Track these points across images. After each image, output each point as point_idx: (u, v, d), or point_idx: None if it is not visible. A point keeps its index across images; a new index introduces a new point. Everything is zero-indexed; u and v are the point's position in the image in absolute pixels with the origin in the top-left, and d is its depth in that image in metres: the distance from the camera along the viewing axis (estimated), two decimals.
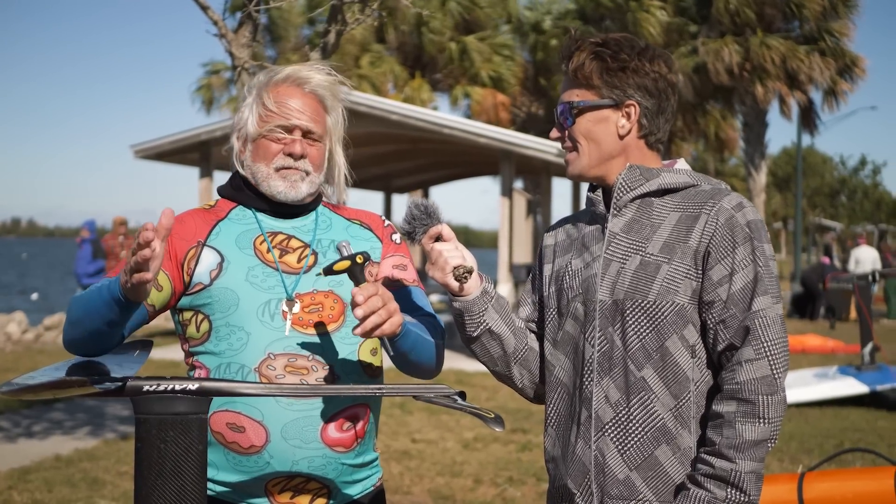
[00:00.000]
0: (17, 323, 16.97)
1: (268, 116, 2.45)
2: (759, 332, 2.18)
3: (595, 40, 2.39)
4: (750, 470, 2.15)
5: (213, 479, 2.45)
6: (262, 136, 2.46)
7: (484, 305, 2.37)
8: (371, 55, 26.13)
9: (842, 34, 20.73)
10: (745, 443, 2.14)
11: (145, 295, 2.17)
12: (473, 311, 2.36)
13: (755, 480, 2.16)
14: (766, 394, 2.16)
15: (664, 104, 2.37)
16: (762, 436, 2.15)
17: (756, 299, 2.21)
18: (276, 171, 2.46)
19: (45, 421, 9.37)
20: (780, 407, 2.18)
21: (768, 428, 2.16)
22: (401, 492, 6.77)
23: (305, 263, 2.48)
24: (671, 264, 2.25)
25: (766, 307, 2.21)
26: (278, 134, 2.45)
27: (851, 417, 9.67)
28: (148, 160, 17.27)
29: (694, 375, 2.26)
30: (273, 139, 2.45)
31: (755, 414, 2.15)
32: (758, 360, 2.17)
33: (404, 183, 24.79)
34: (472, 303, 2.36)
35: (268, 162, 2.46)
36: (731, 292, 2.22)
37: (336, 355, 2.44)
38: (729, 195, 2.32)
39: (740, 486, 2.14)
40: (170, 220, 2.08)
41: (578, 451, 2.32)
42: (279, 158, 2.46)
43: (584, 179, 2.41)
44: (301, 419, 2.40)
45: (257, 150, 2.47)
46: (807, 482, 4.70)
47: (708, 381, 2.28)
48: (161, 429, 2.04)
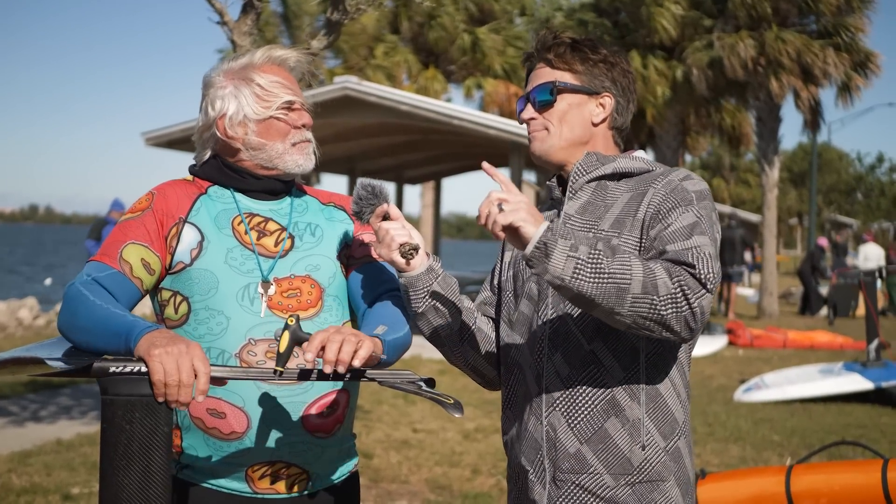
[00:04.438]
0: (29, 308, 17.08)
1: (268, 95, 2.46)
2: (693, 261, 2.12)
3: (572, 35, 2.48)
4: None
5: (191, 465, 2.46)
6: (271, 116, 2.47)
7: (429, 282, 2.39)
8: (385, 45, 26.10)
9: (857, 29, 20.58)
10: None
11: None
12: (418, 287, 2.38)
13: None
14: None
15: (631, 102, 2.48)
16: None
17: (693, 237, 2.17)
18: (292, 145, 2.48)
19: (52, 405, 9.44)
20: (706, 301, 2.10)
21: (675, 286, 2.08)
22: (398, 481, 6.80)
23: (282, 247, 2.49)
24: (621, 238, 2.29)
25: (702, 244, 2.16)
26: (284, 110, 2.48)
27: (855, 413, 9.64)
28: (159, 148, 17.28)
29: (644, 346, 2.28)
30: (282, 116, 2.47)
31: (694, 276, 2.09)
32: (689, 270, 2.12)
33: (416, 174, 24.80)
34: (417, 278, 2.37)
35: (283, 138, 2.48)
36: (667, 232, 2.21)
37: None
38: (678, 170, 2.36)
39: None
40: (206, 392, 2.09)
41: (531, 427, 2.36)
42: (294, 133, 2.49)
43: (547, 160, 2.45)
44: (282, 405, 2.41)
45: (267, 131, 2.47)
46: (794, 475, 4.70)
47: (659, 352, 2.30)
48: (127, 410, 2.06)
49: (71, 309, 2.25)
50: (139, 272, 2.38)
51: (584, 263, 2.04)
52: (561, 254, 2.04)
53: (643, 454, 2.27)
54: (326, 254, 2.54)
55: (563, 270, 2.04)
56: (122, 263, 2.36)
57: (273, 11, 26.27)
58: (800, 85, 20.93)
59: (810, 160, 32.08)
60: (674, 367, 2.33)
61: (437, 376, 11.10)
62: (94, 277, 2.32)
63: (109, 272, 2.34)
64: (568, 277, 2.04)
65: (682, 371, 2.37)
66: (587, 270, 2.03)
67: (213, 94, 2.50)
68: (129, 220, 2.44)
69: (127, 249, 2.38)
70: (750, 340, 15.52)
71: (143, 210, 2.45)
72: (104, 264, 2.36)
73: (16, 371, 2.20)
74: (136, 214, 2.45)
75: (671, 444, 2.31)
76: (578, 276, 2.04)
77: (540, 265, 2.05)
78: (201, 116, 2.54)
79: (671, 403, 2.32)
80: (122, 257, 2.37)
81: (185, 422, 2.45)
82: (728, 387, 11.34)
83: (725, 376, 12.29)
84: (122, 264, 2.36)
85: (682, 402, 2.36)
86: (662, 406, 2.30)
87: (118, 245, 2.39)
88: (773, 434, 8.62)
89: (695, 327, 2.10)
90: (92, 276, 2.32)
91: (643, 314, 2.06)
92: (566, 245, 2.04)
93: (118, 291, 2.32)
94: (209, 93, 2.51)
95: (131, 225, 2.43)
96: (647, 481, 2.27)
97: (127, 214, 2.47)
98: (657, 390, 2.30)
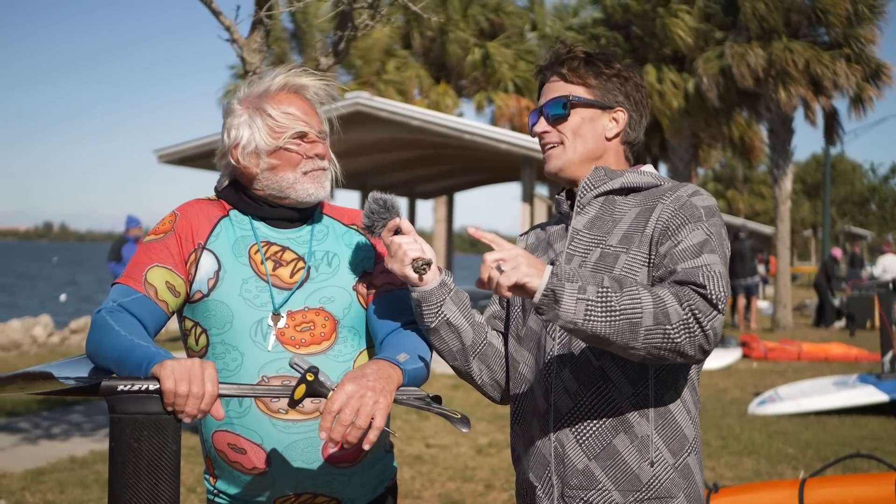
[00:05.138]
0: (43, 326, 17.15)
1: (280, 127, 2.46)
2: (704, 281, 2.11)
3: (585, 49, 2.47)
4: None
5: (225, 493, 2.51)
6: (280, 147, 2.46)
7: (442, 296, 2.39)
8: (397, 60, 26.17)
9: (868, 40, 20.55)
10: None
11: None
12: (431, 302, 2.39)
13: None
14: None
15: (644, 117, 2.48)
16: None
17: (703, 255, 2.17)
18: (304, 174, 2.48)
19: (65, 423, 9.46)
20: (717, 322, 2.08)
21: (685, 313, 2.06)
22: (411, 496, 6.79)
23: (300, 279, 2.49)
24: (629, 253, 2.28)
25: (712, 263, 2.15)
26: (296, 141, 2.47)
27: (870, 426, 9.58)
28: (172, 165, 17.34)
29: (653, 363, 2.26)
30: (293, 147, 2.47)
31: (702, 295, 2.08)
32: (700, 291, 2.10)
33: (428, 188, 24.81)
34: (430, 293, 2.38)
35: (294, 168, 2.47)
36: (677, 250, 2.20)
37: (330, 375, 2.40)
38: (686, 186, 2.35)
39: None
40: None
41: (539, 444, 2.35)
42: (306, 162, 2.48)
43: (562, 177, 2.45)
44: (300, 441, 2.41)
45: (279, 161, 2.47)
46: (808, 488, 4.67)
47: (668, 368, 2.29)
48: (135, 428, 2.07)
49: (97, 338, 2.27)
50: (164, 295, 2.39)
51: (594, 304, 2.04)
52: (570, 298, 2.03)
53: (652, 471, 2.26)
54: (342, 285, 2.52)
55: (574, 315, 2.04)
56: (146, 287, 2.38)
57: (284, 28, 26.36)
58: (809, 96, 20.88)
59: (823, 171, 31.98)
60: (683, 383, 2.32)
61: (450, 391, 11.10)
62: (120, 303, 2.33)
63: (135, 296, 2.36)
64: (581, 321, 2.04)
65: (693, 387, 2.36)
66: (598, 310, 2.03)
67: (229, 122, 2.52)
68: (153, 241, 2.46)
69: (151, 273, 2.40)
70: (764, 353, 15.46)
71: (165, 232, 2.47)
72: (130, 288, 2.38)
73: (25, 388, 2.21)
74: (159, 237, 2.47)
75: (680, 460, 2.29)
76: (590, 318, 2.04)
77: (550, 312, 2.05)
78: (220, 142, 2.56)
79: (680, 420, 2.31)
80: (146, 280, 2.38)
81: (212, 453, 2.48)
82: (742, 400, 11.29)
83: (740, 389, 12.25)
84: (147, 288, 2.38)
85: (693, 419, 2.34)
86: (671, 422, 2.29)
87: (142, 268, 2.41)
88: (787, 447, 8.58)
89: (708, 349, 2.10)
90: (118, 302, 2.33)
91: (657, 345, 2.06)
92: (574, 288, 2.04)
93: (144, 316, 2.34)
94: (227, 120, 2.53)
95: (155, 247, 2.44)
96: (655, 498, 2.26)
97: (150, 236, 2.49)
98: (666, 407, 2.29)
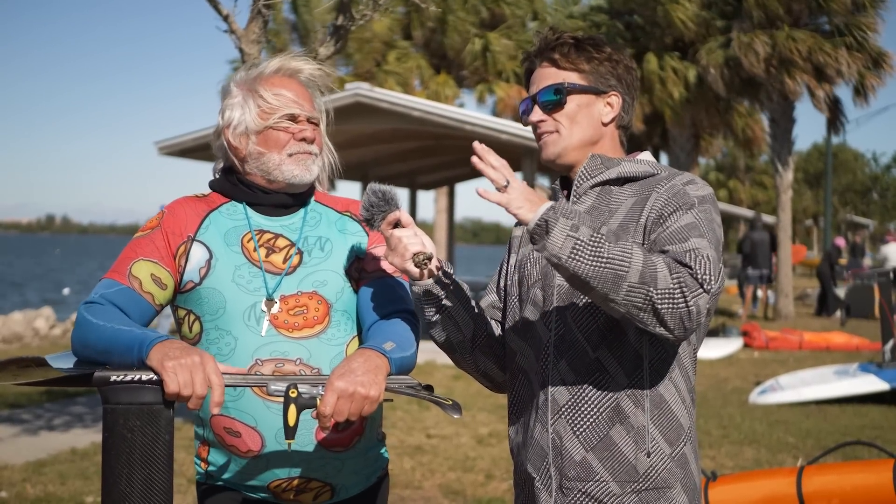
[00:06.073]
0: (45, 318, 17.18)
1: (270, 108, 2.48)
2: (690, 262, 2.09)
3: (574, 34, 2.45)
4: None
5: (218, 476, 2.52)
6: (269, 127, 2.48)
7: (443, 290, 2.39)
8: (397, 51, 26.13)
9: (869, 28, 20.48)
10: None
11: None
12: (433, 296, 2.38)
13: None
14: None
15: (635, 100, 2.47)
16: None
17: (691, 240, 2.15)
18: (289, 156, 2.49)
19: (66, 414, 9.46)
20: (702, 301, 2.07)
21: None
22: (412, 486, 6.79)
23: (289, 264, 2.50)
24: None
25: (700, 247, 2.13)
26: (285, 123, 2.49)
27: (871, 415, 9.59)
28: (172, 157, 17.32)
29: (647, 353, 2.27)
30: (281, 128, 2.49)
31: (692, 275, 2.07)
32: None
33: (429, 179, 24.78)
34: (432, 287, 2.38)
35: (279, 149, 2.49)
36: (665, 234, 2.20)
37: (323, 358, 2.45)
38: (682, 175, 2.34)
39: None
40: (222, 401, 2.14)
41: (537, 435, 2.35)
42: (292, 144, 2.49)
43: (559, 163, 2.43)
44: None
45: (266, 141, 2.49)
46: (806, 475, 4.68)
47: (663, 357, 2.29)
48: (128, 419, 2.07)
49: (80, 336, 2.29)
50: (149, 287, 2.41)
51: (583, 244, 2.04)
52: (560, 232, 2.04)
53: (648, 461, 2.26)
54: (334, 269, 2.53)
55: (560, 249, 2.04)
56: (131, 279, 2.40)
57: (284, 19, 26.33)
58: (813, 83, 20.83)
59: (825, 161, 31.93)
60: (678, 372, 2.32)
61: (450, 382, 11.11)
62: (103, 294, 2.36)
63: (118, 288, 2.38)
64: (565, 257, 2.04)
65: (687, 376, 2.35)
66: (586, 252, 2.03)
67: (225, 103, 2.56)
68: (139, 238, 2.49)
69: (136, 266, 2.42)
70: (765, 342, 15.46)
71: (152, 228, 2.50)
72: (114, 281, 2.40)
73: (19, 375, 2.21)
74: (145, 233, 2.50)
75: (677, 450, 2.29)
76: (575, 257, 2.03)
77: (540, 242, 2.06)
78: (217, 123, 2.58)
79: (676, 409, 2.30)
80: (131, 273, 2.41)
81: (209, 437, 2.49)
82: (743, 389, 11.29)
83: (740, 378, 12.25)
84: (132, 280, 2.40)
85: (688, 408, 2.34)
86: (667, 412, 2.29)
87: (127, 262, 2.44)
88: (788, 436, 8.58)
89: (689, 326, 2.08)
90: (100, 294, 2.36)
91: (637, 304, 2.05)
92: (567, 225, 2.04)
93: (129, 307, 2.36)
94: (223, 102, 2.56)
95: (141, 243, 2.47)
96: (653, 488, 2.26)
97: (138, 233, 2.52)
98: (661, 397, 2.28)
